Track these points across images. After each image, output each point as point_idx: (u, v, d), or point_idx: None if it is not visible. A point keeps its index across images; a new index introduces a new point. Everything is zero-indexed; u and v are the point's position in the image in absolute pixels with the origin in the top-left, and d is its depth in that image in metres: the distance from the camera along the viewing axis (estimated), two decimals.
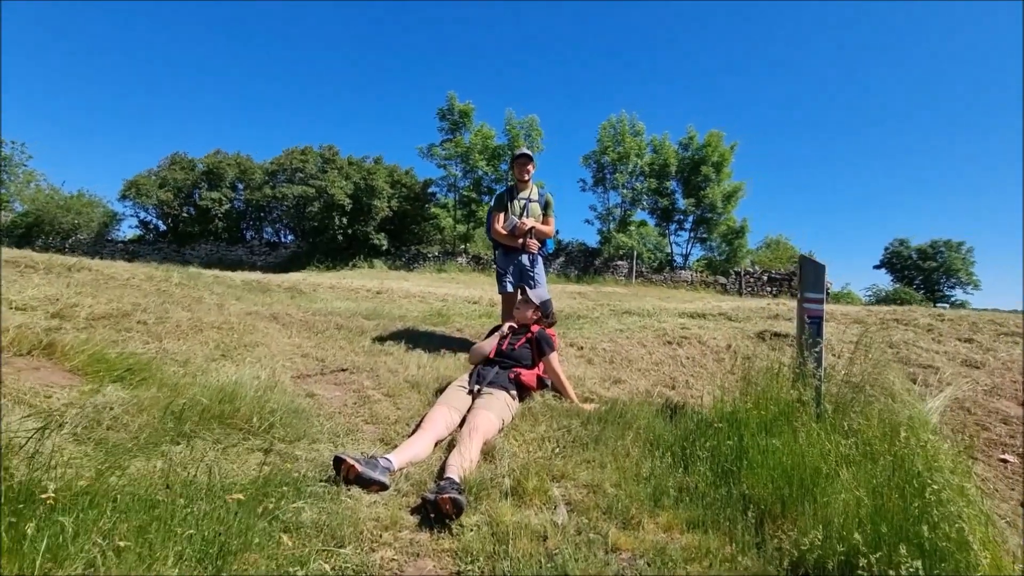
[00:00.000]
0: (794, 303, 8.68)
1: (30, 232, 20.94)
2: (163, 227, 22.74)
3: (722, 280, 18.71)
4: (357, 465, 2.09)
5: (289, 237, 23.53)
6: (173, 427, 2.29)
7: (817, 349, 2.56)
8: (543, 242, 4.24)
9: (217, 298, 4.82)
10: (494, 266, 4.29)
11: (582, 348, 4.65)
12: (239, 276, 7.83)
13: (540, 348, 3.13)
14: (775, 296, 16.98)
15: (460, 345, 4.45)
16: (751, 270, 19.15)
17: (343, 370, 3.58)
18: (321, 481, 2.13)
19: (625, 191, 22.03)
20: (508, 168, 4.65)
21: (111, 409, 2.33)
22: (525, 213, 4.16)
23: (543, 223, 4.23)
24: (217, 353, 3.39)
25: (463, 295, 7.93)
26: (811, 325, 2.72)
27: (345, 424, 2.79)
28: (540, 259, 4.20)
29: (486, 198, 21.48)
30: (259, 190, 21.59)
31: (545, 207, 4.26)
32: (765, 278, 18.30)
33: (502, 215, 4.17)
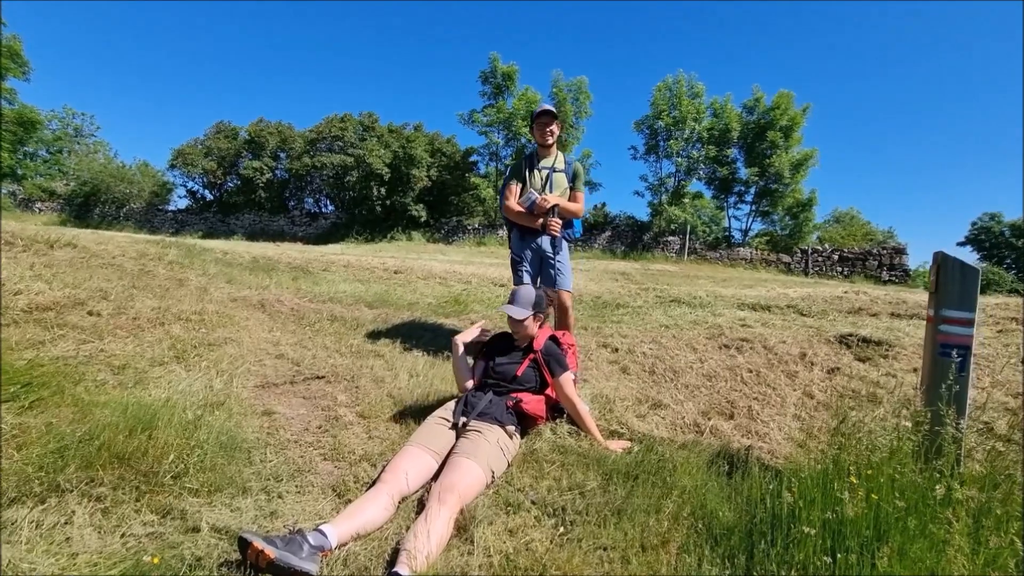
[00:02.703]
0: (879, 291, 7.41)
1: (88, 202, 21.80)
2: (210, 196, 23.18)
3: (785, 259, 17.04)
4: (269, 550, 1.45)
5: (329, 207, 23.48)
6: (47, 475, 1.72)
7: (963, 416, 1.65)
8: (570, 223, 3.41)
9: (205, 280, 4.33)
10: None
11: (617, 351, 3.85)
12: (255, 250, 7.43)
13: (549, 368, 2.37)
14: (847, 277, 15.29)
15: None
16: (819, 248, 17.33)
17: (319, 377, 2.97)
18: (221, 566, 1.51)
19: (680, 159, 20.36)
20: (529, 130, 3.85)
21: None
22: (548, 186, 3.34)
23: (570, 199, 3.39)
24: (169, 355, 2.84)
25: (491, 275, 7.21)
26: (949, 356, 1.80)
27: (296, 460, 2.17)
28: (566, 244, 3.38)
29: None
30: (299, 159, 21.47)
31: (573, 179, 3.41)
32: (835, 257, 16.49)
33: (518, 188, 3.36)
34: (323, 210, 23.55)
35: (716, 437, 2.55)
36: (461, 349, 2.52)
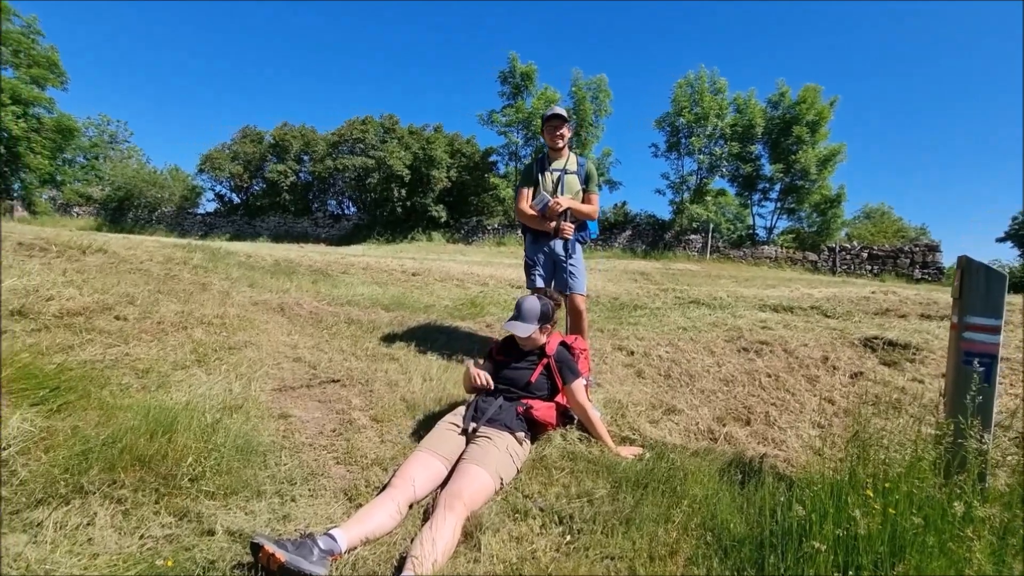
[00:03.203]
0: (909, 291, 7.17)
1: (122, 206, 22.63)
2: (237, 200, 23.80)
3: (812, 257, 16.60)
4: (280, 553, 1.49)
5: (352, 209, 23.85)
6: (72, 477, 1.79)
7: (988, 428, 1.58)
8: (584, 224, 3.40)
9: (228, 284, 4.44)
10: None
11: (633, 354, 3.81)
12: (278, 252, 7.58)
13: (561, 375, 2.36)
14: (876, 276, 14.82)
15: (484, 347, 3.77)
16: (847, 245, 16.82)
17: (334, 381, 3.02)
18: (234, 569, 1.55)
19: (702, 157, 19.99)
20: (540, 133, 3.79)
21: (6, 447, 1.87)
22: (560, 188, 3.32)
23: (584, 201, 3.37)
24: (191, 358, 2.92)
25: (509, 277, 7.22)
26: (973, 365, 1.73)
27: (310, 464, 2.21)
28: (579, 247, 3.37)
29: None
30: (322, 162, 21.87)
31: (587, 181, 3.38)
32: (864, 255, 15.99)
33: (531, 191, 3.35)
34: (345, 212, 23.94)
35: (731, 444, 2.50)
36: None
